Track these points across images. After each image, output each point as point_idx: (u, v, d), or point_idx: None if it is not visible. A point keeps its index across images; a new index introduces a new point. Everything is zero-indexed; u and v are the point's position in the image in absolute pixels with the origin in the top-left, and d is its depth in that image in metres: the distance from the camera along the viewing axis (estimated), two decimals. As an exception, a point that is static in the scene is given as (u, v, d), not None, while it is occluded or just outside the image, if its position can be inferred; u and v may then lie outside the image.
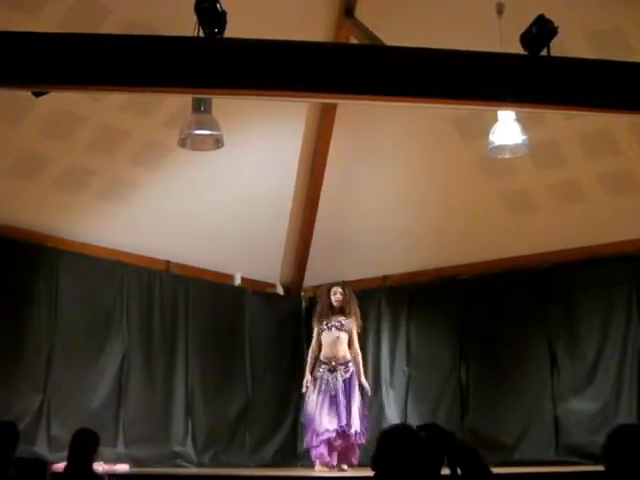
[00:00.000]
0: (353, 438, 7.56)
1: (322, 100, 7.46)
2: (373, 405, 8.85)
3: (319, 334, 7.93)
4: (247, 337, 9.50)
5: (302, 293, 10.21)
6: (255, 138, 8.54)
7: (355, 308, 8.00)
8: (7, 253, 7.55)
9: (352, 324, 7.89)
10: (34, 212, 7.80)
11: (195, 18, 4.76)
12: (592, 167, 8.03)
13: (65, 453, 5.29)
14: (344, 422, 7.53)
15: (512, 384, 8.58)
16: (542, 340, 8.48)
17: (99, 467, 5.48)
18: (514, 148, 7.38)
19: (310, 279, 10.12)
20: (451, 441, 2.53)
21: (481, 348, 8.90)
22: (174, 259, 8.97)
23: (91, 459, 5.16)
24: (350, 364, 7.79)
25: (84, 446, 5.13)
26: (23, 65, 4.50)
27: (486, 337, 8.87)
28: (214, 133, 6.86)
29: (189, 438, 8.69)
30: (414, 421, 8.54)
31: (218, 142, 6.99)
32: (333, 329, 7.86)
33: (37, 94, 4.94)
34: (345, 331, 7.86)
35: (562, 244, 8.47)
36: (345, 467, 7.56)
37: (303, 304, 10.17)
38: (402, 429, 2.59)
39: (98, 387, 8.02)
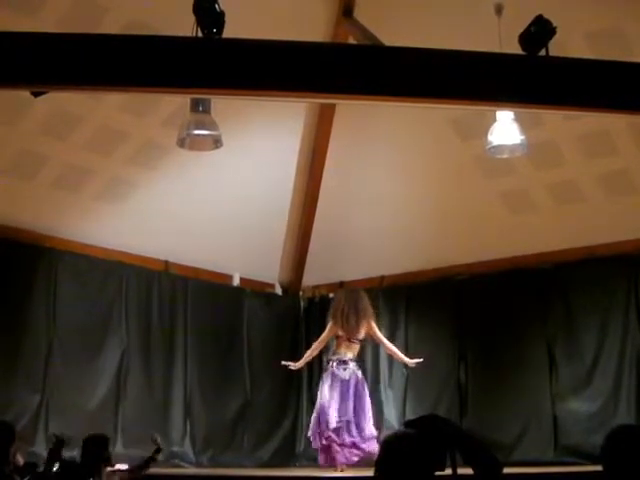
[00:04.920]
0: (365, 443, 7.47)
1: (321, 100, 7.45)
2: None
3: None
4: (246, 337, 9.51)
5: (301, 293, 10.21)
6: (254, 138, 8.53)
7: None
8: (6, 254, 7.54)
9: None
10: (33, 212, 7.79)
11: (194, 18, 4.75)
12: (590, 167, 8.04)
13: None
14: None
15: (511, 384, 8.59)
16: (541, 340, 8.49)
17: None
18: (512, 148, 7.38)
19: (308, 279, 10.12)
20: (459, 439, 2.48)
21: (480, 348, 8.91)
22: (172, 259, 8.96)
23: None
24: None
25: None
26: (22, 65, 4.49)
27: (485, 337, 8.87)
28: (213, 133, 6.85)
29: (187, 438, 8.69)
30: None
31: (217, 142, 6.98)
32: None
33: (36, 94, 4.93)
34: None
35: (560, 244, 8.48)
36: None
37: (302, 304, 10.17)
38: (406, 435, 2.57)
39: (96, 387, 8.02)
